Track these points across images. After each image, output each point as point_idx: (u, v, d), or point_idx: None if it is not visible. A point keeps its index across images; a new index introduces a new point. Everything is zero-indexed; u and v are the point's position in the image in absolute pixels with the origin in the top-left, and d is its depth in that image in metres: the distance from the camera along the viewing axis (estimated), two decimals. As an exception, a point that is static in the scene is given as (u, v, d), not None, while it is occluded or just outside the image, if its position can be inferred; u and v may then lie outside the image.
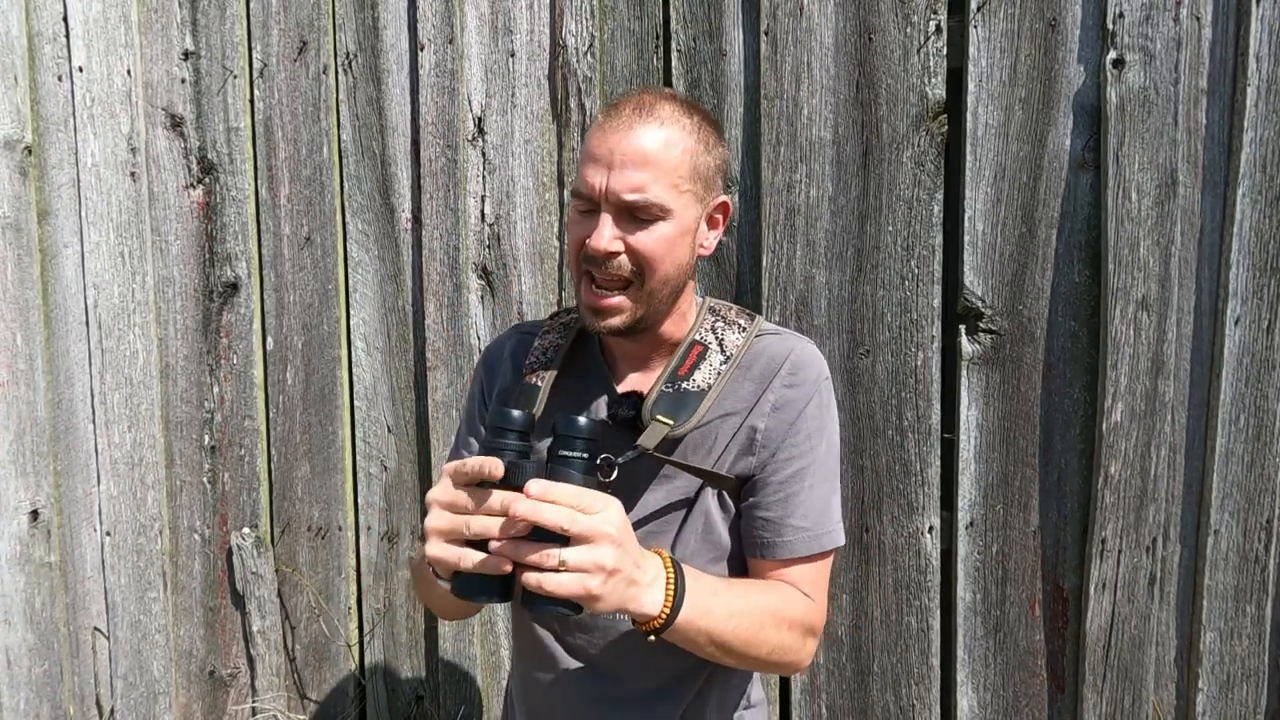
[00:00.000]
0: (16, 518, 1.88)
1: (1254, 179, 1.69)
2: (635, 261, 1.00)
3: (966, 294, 1.76)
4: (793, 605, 1.02)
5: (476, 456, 0.83)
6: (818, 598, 1.06)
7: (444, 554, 0.81)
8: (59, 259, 1.92)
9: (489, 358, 1.20)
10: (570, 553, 0.78)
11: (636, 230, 0.99)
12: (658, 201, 0.98)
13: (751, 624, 0.96)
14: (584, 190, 1.00)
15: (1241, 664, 1.80)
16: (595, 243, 0.98)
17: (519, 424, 0.85)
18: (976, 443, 1.79)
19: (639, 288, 1.01)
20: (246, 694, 2.03)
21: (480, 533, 0.80)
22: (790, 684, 1.86)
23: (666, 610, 0.87)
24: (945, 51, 1.72)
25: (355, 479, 1.97)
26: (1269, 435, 1.74)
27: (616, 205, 0.98)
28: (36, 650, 1.92)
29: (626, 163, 0.97)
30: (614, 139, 0.98)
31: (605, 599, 0.81)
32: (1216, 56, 1.69)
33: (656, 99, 1.02)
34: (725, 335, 1.09)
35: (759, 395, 1.05)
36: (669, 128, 1.00)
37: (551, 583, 0.78)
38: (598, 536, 0.79)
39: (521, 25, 1.83)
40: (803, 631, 1.02)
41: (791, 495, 1.04)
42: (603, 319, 1.02)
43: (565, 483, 0.81)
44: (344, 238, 1.92)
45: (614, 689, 1.10)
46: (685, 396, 1.03)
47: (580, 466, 0.84)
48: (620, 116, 1.00)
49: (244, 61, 1.91)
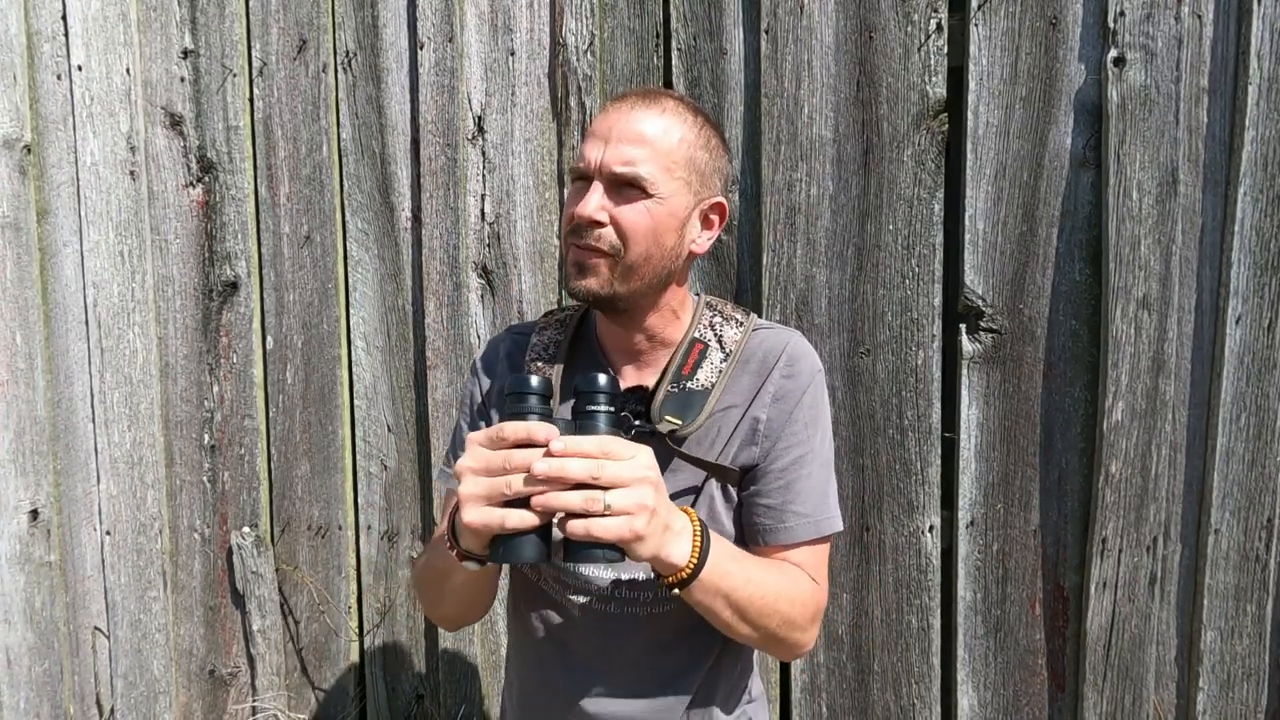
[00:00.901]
0: (16, 517, 1.88)
1: (1255, 177, 1.68)
2: (619, 234, 1.02)
3: (967, 293, 1.76)
4: (800, 584, 1.05)
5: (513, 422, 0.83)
6: (820, 581, 1.09)
7: (485, 517, 0.81)
8: (58, 258, 1.92)
9: (485, 361, 1.21)
10: (614, 495, 0.80)
11: (621, 203, 1.02)
12: (647, 177, 1.01)
13: (766, 593, 0.98)
14: (580, 165, 1.04)
15: (1242, 663, 1.80)
16: (582, 209, 1.01)
17: (539, 388, 0.86)
18: (977, 442, 1.79)
19: (617, 260, 1.03)
20: (246, 693, 2.03)
21: (523, 490, 0.80)
22: (790, 683, 1.86)
23: (694, 562, 0.89)
24: (946, 50, 1.72)
25: (355, 478, 1.96)
26: (1270, 434, 1.74)
27: (608, 177, 1.02)
28: (36, 649, 1.92)
29: (623, 139, 1.01)
30: (614, 118, 1.03)
31: (647, 539, 0.82)
32: (1218, 55, 1.68)
33: (662, 93, 1.07)
34: (724, 331, 1.12)
35: (758, 387, 1.08)
36: (669, 117, 1.04)
37: (598, 527, 0.79)
38: (636, 480, 0.81)
39: (521, 24, 1.83)
40: (810, 611, 1.05)
41: (792, 483, 1.07)
42: (582, 276, 1.04)
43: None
44: (344, 236, 1.92)
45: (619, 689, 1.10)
46: (690, 396, 1.06)
47: (607, 420, 0.86)
48: (624, 101, 1.05)
49: (243, 60, 1.91)
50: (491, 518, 0.81)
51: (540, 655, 1.14)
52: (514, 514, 0.80)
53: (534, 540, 0.82)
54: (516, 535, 0.81)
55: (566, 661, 1.12)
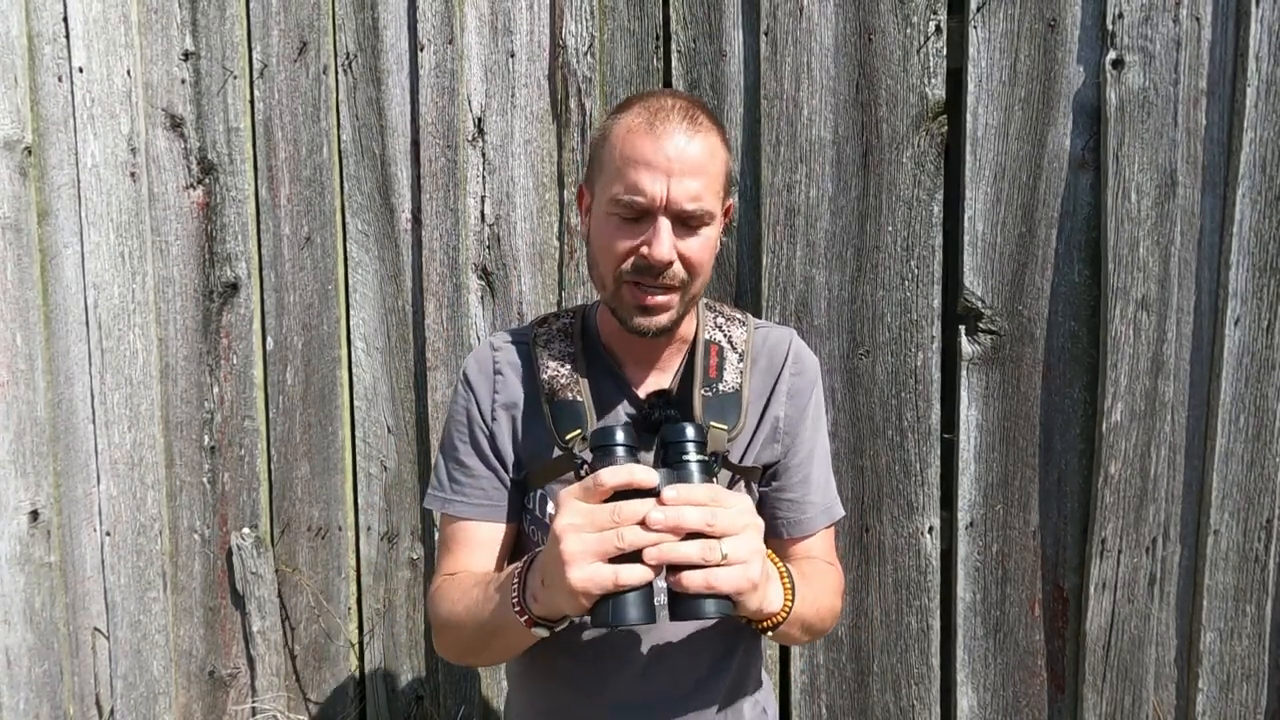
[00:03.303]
0: (16, 518, 1.88)
1: (1254, 179, 1.69)
2: (686, 267, 1.00)
3: (966, 294, 1.76)
4: (830, 577, 1.10)
5: (612, 468, 0.79)
6: (836, 562, 1.17)
7: (596, 575, 0.75)
8: (59, 259, 1.92)
9: (481, 369, 1.12)
10: (729, 544, 0.76)
11: (688, 236, 0.99)
12: (710, 209, 0.99)
13: (820, 603, 1.01)
14: (639, 198, 0.96)
15: (1241, 664, 1.80)
16: (658, 253, 0.96)
17: (625, 439, 0.83)
18: (976, 443, 1.79)
19: (684, 292, 1.01)
20: (246, 694, 2.03)
21: (635, 542, 0.75)
22: (790, 684, 1.86)
23: (788, 606, 0.89)
24: (945, 52, 1.72)
25: (355, 479, 1.97)
26: (1269, 435, 1.74)
27: (676, 214, 0.97)
28: (36, 650, 1.92)
29: (685, 172, 0.96)
30: (670, 146, 0.96)
31: (760, 587, 0.80)
32: (1216, 57, 1.69)
33: (695, 106, 1.01)
34: (732, 332, 1.13)
35: (772, 385, 1.10)
36: (707, 136, 0.99)
37: (717, 577, 0.75)
38: (746, 526, 0.79)
39: (521, 25, 1.83)
40: (840, 594, 1.11)
41: (808, 476, 1.11)
42: (651, 317, 1.00)
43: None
44: (344, 238, 1.92)
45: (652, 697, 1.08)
46: (725, 400, 1.06)
47: (701, 468, 0.83)
48: (670, 124, 0.97)
49: (244, 62, 1.91)
50: (603, 574, 0.75)
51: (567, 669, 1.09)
52: (628, 570, 0.75)
53: (643, 597, 0.77)
54: (623, 593, 0.76)
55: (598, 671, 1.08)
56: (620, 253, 0.99)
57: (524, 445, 1.08)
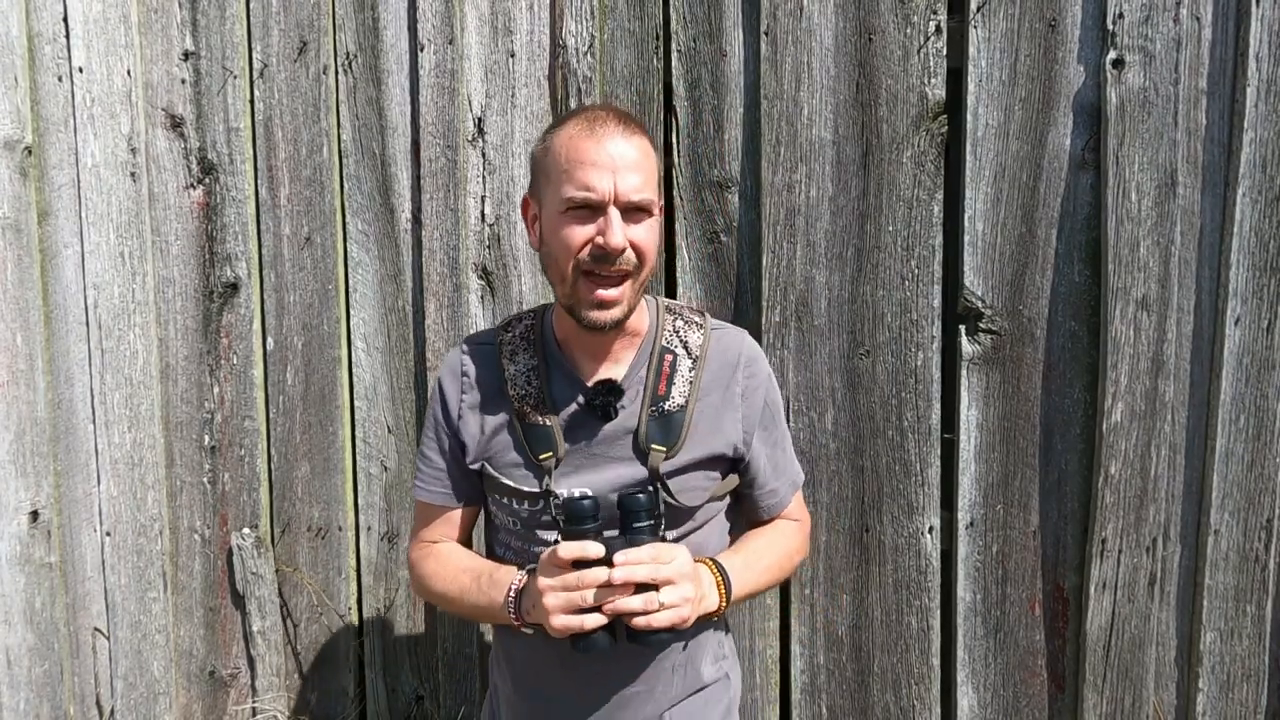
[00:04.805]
0: (16, 518, 1.88)
1: (1254, 179, 1.69)
2: (637, 254, 1.12)
3: (966, 294, 1.76)
4: (790, 534, 1.33)
5: (569, 543, 1.06)
6: (804, 515, 1.38)
7: (569, 623, 1.05)
8: (59, 259, 1.92)
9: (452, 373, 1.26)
10: (666, 593, 1.04)
11: (635, 225, 1.12)
12: (652, 199, 1.13)
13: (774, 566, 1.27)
14: (591, 194, 1.09)
15: (1241, 664, 1.80)
16: (613, 239, 1.09)
17: (590, 511, 1.09)
18: (976, 443, 1.79)
19: (634, 280, 1.14)
20: (246, 694, 2.03)
21: (594, 600, 1.04)
22: (790, 684, 1.86)
23: (723, 604, 1.15)
24: (945, 52, 1.72)
25: (355, 479, 1.97)
26: (1269, 435, 1.74)
27: (624, 205, 1.10)
28: (36, 650, 1.92)
29: (628, 167, 1.10)
30: (610, 146, 1.10)
31: (691, 618, 1.08)
32: (1216, 57, 1.69)
33: (626, 114, 1.16)
34: (688, 336, 1.23)
35: (727, 387, 1.23)
36: (642, 136, 1.15)
37: (658, 620, 1.04)
38: (679, 577, 1.06)
39: (521, 25, 1.83)
40: (803, 544, 1.36)
41: (776, 462, 1.30)
42: (607, 310, 1.12)
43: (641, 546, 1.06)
44: (344, 238, 1.92)
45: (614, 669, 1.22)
46: (669, 420, 1.18)
47: (649, 530, 1.09)
48: (608, 125, 1.11)
49: (244, 62, 1.91)
50: (574, 622, 1.05)
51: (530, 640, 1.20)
52: (591, 619, 1.05)
53: (605, 634, 1.07)
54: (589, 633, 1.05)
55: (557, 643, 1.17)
56: (577, 244, 1.11)
57: (486, 442, 1.23)
